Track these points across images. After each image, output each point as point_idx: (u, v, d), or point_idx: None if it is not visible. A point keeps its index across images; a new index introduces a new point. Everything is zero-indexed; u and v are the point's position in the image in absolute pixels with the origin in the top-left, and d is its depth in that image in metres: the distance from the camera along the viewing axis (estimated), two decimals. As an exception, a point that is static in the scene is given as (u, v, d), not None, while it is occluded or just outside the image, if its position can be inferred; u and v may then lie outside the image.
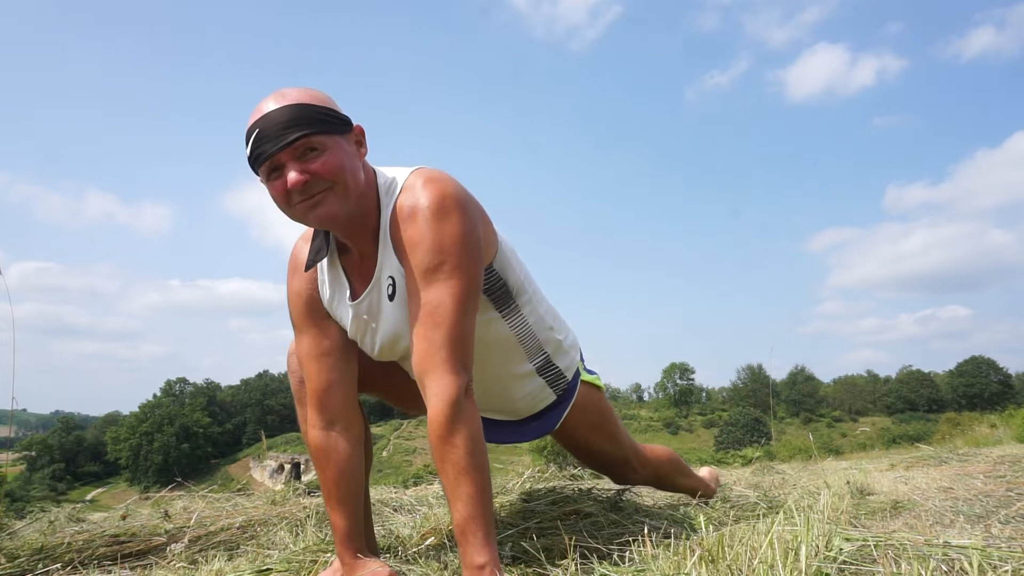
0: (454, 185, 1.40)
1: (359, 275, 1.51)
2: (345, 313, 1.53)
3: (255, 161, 1.34)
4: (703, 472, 2.51)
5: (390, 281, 1.45)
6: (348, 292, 1.52)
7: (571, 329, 1.84)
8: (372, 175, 1.46)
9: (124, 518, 2.16)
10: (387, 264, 1.44)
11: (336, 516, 1.51)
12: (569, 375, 1.79)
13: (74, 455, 74.40)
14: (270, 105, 1.32)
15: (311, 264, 1.51)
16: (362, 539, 1.53)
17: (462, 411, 1.30)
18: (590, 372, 1.91)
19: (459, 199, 1.38)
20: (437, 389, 1.31)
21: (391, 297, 1.45)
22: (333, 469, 1.52)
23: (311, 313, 1.55)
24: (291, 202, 1.35)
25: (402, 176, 1.44)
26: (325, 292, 1.55)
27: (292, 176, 1.31)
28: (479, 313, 1.49)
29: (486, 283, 1.52)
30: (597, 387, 1.90)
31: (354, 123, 1.42)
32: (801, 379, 76.86)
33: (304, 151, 1.32)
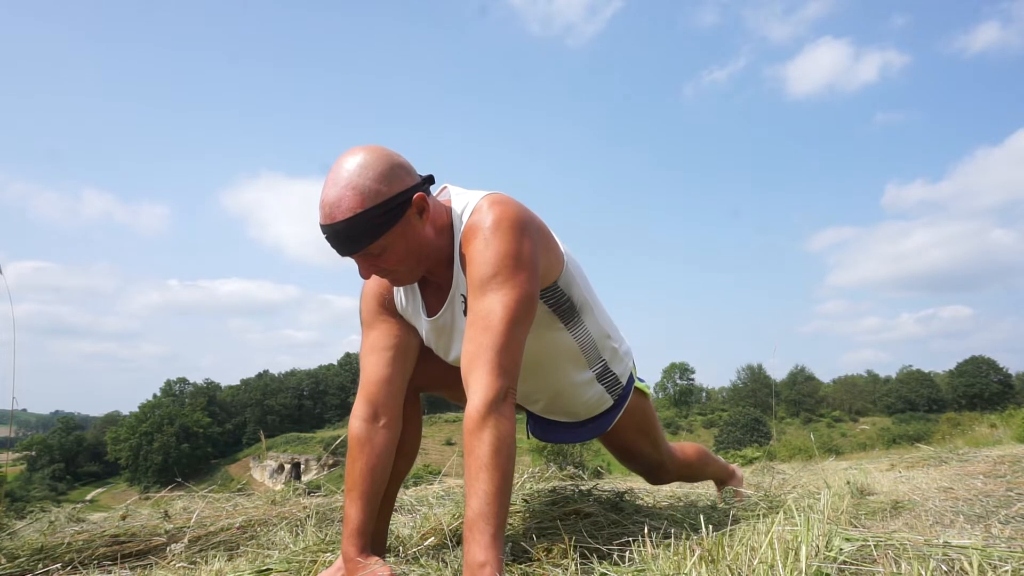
0: (516, 208, 1.49)
1: (435, 292, 1.60)
2: (420, 324, 1.63)
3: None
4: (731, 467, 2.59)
5: (462, 299, 1.54)
6: (423, 307, 1.61)
7: (624, 338, 1.93)
8: (445, 213, 1.54)
9: (124, 518, 2.17)
10: (460, 283, 1.53)
11: (353, 509, 1.53)
12: (624, 381, 1.89)
13: (74, 455, 74.37)
14: (331, 211, 1.40)
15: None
16: (370, 536, 1.54)
17: (496, 411, 1.34)
18: (640, 380, 2.01)
19: (517, 220, 1.46)
20: (477, 388, 1.36)
21: (465, 313, 1.54)
22: (364, 462, 1.56)
23: (381, 311, 1.66)
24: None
25: (474, 200, 1.52)
26: (400, 297, 1.65)
27: (363, 273, 1.49)
28: (546, 326, 1.63)
29: (552, 299, 1.62)
30: (645, 394, 2.02)
31: (415, 192, 1.45)
32: (801, 379, 76.81)
33: (368, 253, 1.44)
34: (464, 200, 1.54)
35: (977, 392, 70.60)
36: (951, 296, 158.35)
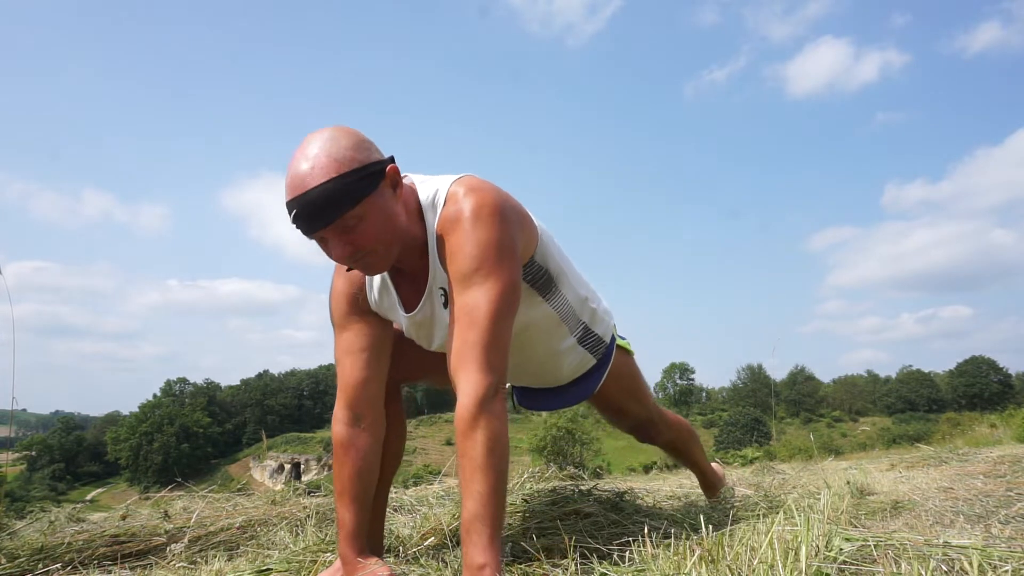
0: (493, 193, 1.45)
1: (410, 286, 1.56)
2: (398, 319, 1.60)
3: (301, 232, 1.38)
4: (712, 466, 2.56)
5: (441, 292, 1.51)
6: (399, 302, 1.57)
7: (601, 297, 1.90)
8: (412, 196, 1.49)
9: (124, 518, 2.16)
10: (438, 276, 1.49)
11: (345, 512, 1.52)
12: (607, 339, 1.88)
13: (74, 455, 74.28)
14: (303, 179, 1.32)
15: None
16: (365, 538, 1.54)
17: (487, 409, 1.32)
18: (622, 338, 2.01)
19: (497, 207, 1.43)
20: (466, 387, 1.34)
21: (445, 306, 1.51)
22: (350, 465, 1.54)
23: (352, 312, 1.61)
24: (344, 265, 1.44)
25: (444, 187, 1.48)
26: (373, 295, 1.60)
27: (337, 252, 1.38)
28: (526, 304, 1.59)
29: (530, 274, 1.59)
30: (628, 351, 2.02)
31: (388, 164, 1.41)
32: (801, 379, 76.77)
33: (343, 225, 1.35)
34: (432, 187, 1.49)
35: (977, 392, 70.58)
36: (951, 296, 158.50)
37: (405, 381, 1.77)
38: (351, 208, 1.33)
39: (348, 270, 1.56)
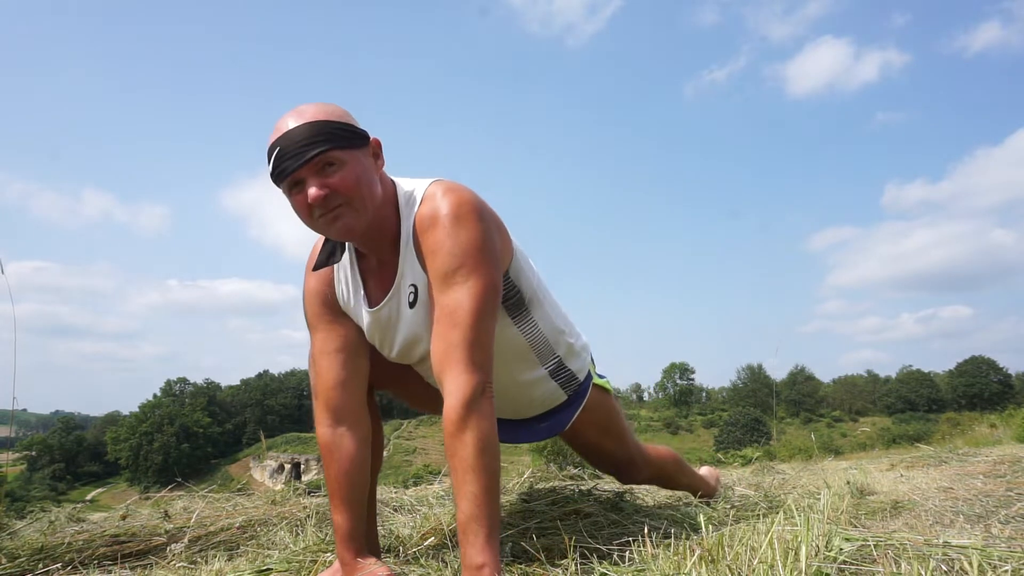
0: (471, 194, 1.47)
1: (378, 282, 1.55)
2: (361, 317, 1.58)
3: (277, 177, 1.40)
4: (703, 471, 2.52)
5: (412, 289, 1.50)
6: (365, 298, 1.56)
7: (581, 333, 1.87)
8: (391, 186, 1.51)
9: (124, 518, 2.17)
10: (408, 273, 1.49)
11: (338, 515, 1.52)
12: (581, 377, 1.83)
13: (74, 455, 74.31)
14: (289, 123, 1.38)
15: (319, 266, 1.56)
16: (363, 539, 1.53)
17: (476, 409, 1.32)
18: (600, 376, 1.94)
19: (476, 206, 1.44)
20: (452, 387, 1.34)
21: (412, 304, 1.50)
22: (337, 467, 1.53)
23: (325, 312, 1.60)
24: (313, 216, 1.41)
25: (421, 187, 1.49)
26: (342, 292, 1.60)
27: (312, 192, 1.37)
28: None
29: (502, 291, 1.54)
30: (606, 390, 1.94)
31: (371, 136, 1.46)
32: (801, 379, 76.80)
33: (323, 166, 1.38)
34: (409, 186, 1.51)
35: (977, 392, 70.64)
36: (951, 296, 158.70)
37: (374, 387, 1.73)
38: (334, 149, 1.37)
39: (314, 268, 1.56)
